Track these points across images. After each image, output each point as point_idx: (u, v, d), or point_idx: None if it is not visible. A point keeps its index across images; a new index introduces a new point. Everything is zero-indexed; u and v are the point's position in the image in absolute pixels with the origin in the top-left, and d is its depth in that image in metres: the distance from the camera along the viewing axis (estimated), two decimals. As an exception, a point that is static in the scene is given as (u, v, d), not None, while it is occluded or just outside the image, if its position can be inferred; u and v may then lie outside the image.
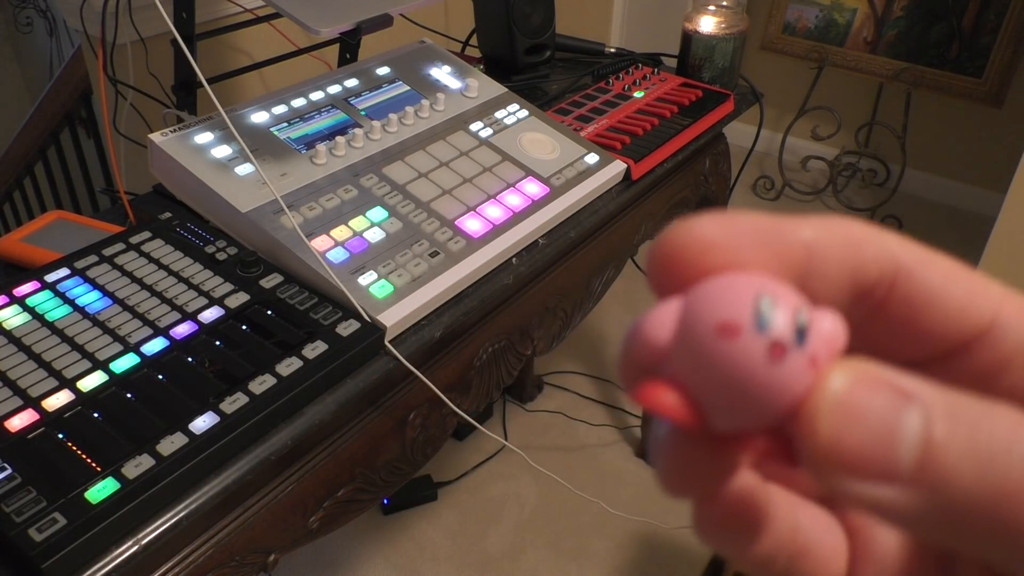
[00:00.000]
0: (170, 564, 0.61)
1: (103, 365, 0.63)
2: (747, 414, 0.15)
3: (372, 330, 0.70)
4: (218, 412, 0.61)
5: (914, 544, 0.20)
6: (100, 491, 0.54)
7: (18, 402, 0.59)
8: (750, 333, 0.14)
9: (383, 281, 0.74)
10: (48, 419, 0.58)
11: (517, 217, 0.86)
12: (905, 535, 0.19)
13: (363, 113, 0.92)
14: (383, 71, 0.99)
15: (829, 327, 0.15)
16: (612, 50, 1.36)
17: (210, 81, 0.78)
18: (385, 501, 1.55)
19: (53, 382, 0.61)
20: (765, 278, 0.15)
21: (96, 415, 0.59)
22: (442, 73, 1.02)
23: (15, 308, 0.67)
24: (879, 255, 0.17)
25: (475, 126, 0.96)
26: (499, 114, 0.99)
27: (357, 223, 0.79)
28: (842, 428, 0.14)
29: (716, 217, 0.16)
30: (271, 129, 0.85)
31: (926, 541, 0.20)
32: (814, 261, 0.16)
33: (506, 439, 1.70)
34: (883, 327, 0.17)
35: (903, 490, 0.14)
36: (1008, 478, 0.13)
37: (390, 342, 0.72)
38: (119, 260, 0.74)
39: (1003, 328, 0.17)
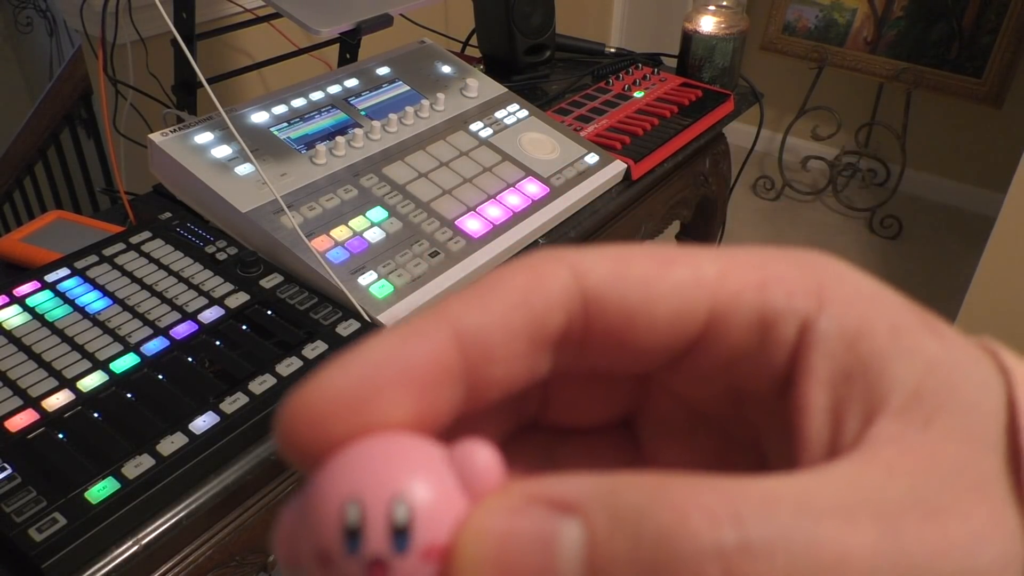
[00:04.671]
0: (170, 564, 0.61)
1: (103, 365, 0.63)
2: None
3: (372, 330, 0.70)
4: (218, 412, 0.61)
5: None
6: (100, 491, 0.54)
7: (18, 402, 0.59)
8: (344, 561, 0.13)
9: (383, 281, 0.74)
10: (48, 419, 0.58)
11: (517, 217, 0.86)
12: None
13: (363, 113, 0.92)
14: (383, 71, 0.99)
15: (479, 464, 0.13)
16: (612, 50, 1.36)
17: (210, 81, 0.78)
18: (385, 501, 1.55)
19: (53, 382, 0.61)
20: (367, 457, 0.13)
21: (96, 415, 0.59)
22: (442, 73, 1.02)
23: (15, 308, 0.67)
24: (554, 299, 0.14)
25: (475, 126, 0.96)
26: (499, 114, 0.99)
27: (357, 223, 0.79)
28: None
29: (339, 364, 0.14)
30: (271, 129, 0.85)
31: None
32: (474, 351, 0.14)
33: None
34: (597, 357, 0.15)
35: None
36: None
37: (390, 342, 0.72)
38: (119, 260, 0.74)
39: (723, 318, 0.15)
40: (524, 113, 1.01)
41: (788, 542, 0.11)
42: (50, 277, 0.71)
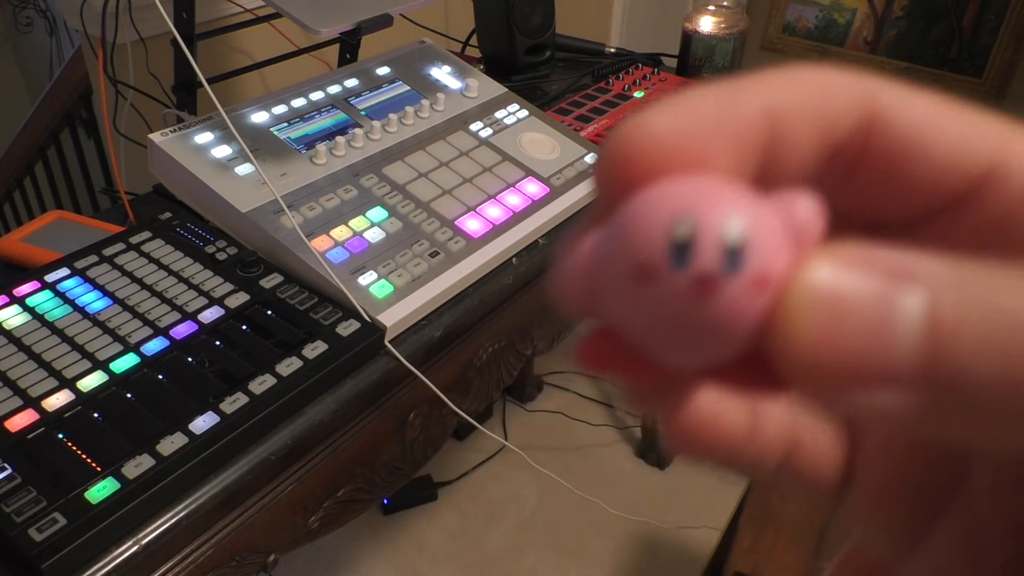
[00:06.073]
0: (170, 564, 0.61)
1: (103, 365, 0.63)
2: (698, 356, 0.13)
3: (372, 330, 0.70)
4: (218, 412, 0.61)
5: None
6: (100, 491, 0.54)
7: (18, 402, 0.59)
8: (670, 276, 0.12)
9: (383, 281, 0.74)
10: (48, 419, 0.58)
11: (517, 217, 0.86)
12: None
13: (363, 113, 0.92)
14: (383, 71, 0.99)
15: (802, 214, 0.13)
16: (612, 50, 1.36)
17: (210, 81, 0.78)
18: (385, 501, 1.55)
19: (53, 382, 0.61)
20: (695, 185, 0.13)
21: (96, 415, 0.59)
22: (442, 73, 1.02)
23: (15, 308, 0.67)
24: (849, 104, 0.14)
25: (475, 126, 0.96)
26: (499, 114, 0.99)
27: (357, 223, 0.79)
28: (826, 329, 0.12)
29: (667, 107, 0.14)
30: (271, 129, 0.85)
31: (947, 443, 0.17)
32: (778, 130, 0.14)
33: (506, 439, 1.70)
34: (862, 186, 0.15)
35: (911, 390, 0.12)
36: None
37: (390, 342, 0.72)
38: (119, 260, 0.74)
39: (1004, 174, 0.14)
40: (524, 113, 1.01)
41: None
42: (50, 277, 0.71)
